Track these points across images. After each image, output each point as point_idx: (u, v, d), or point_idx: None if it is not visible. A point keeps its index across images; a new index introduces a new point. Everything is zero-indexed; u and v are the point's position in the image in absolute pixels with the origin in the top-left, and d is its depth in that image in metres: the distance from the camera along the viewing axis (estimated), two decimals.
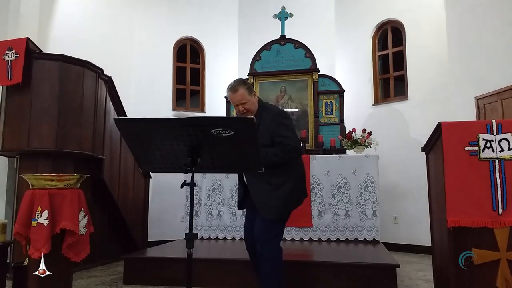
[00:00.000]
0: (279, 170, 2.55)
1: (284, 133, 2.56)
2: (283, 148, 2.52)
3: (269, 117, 2.60)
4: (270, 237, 2.53)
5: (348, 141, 5.46)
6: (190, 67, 7.23)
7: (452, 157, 2.47)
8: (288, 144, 2.53)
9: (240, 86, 2.61)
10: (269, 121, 2.58)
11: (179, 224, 5.90)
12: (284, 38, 6.29)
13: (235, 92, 2.60)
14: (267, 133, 2.54)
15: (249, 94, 2.61)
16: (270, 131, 2.54)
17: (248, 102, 2.60)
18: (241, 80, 2.72)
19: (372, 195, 4.77)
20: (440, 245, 2.78)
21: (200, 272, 3.42)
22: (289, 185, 2.60)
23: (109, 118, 4.71)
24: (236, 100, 2.59)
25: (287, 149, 2.53)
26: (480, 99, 4.89)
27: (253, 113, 2.62)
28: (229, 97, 2.66)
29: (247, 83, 2.72)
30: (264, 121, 2.58)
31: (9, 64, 3.82)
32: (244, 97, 2.59)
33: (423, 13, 6.06)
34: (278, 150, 2.52)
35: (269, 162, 2.42)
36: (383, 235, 5.11)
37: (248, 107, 2.60)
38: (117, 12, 6.50)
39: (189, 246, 1.85)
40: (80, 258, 2.79)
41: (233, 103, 2.64)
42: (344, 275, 3.35)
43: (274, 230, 2.57)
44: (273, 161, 2.48)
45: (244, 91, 2.59)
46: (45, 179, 2.78)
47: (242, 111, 2.60)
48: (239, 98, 2.58)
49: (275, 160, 2.50)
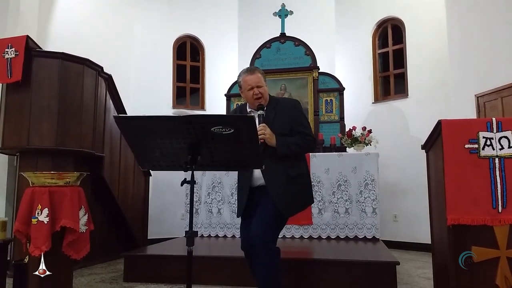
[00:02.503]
0: (295, 161, 2.52)
1: (305, 123, 2.55)
2: (304, 139, 2.50)
3: (288, 106, 2.57)
4: (268, 240, 2.39)
5: (348, 139, 5.46)
6: (190, 65, 7.22)
7: (452, 155, 2.47)
8: (309, 135, 2.53)
9: (257, 70, 2.60)
10: (288, 110, 2.55)
11: (179, 221, 5.91)
12: (284, 36, 6.28)
13: (253, 74, 2.55)
14: (285, 121, 2.50)
15: (264, 80, 2.59)
16: (289, 119, 2.51)
17: (263, 87, 2.54)
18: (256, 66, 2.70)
19: (372, 193, 4.77)
20: (440, 242, 2.78)
21: (200, 269, 3.42)
22: (305, 178, 2.58)
23: (109, 116, 4.71)
24: (252, 82, 2.52)
25: (308, 140, 2.51)
26: (480, 97, 4.88)
27: (266, 100, 2.57)
28: (244, 79, 2.56)
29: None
30: (281, 110, 2.54)
31: (8, 62, 3.82)
32: (261, 80, 2.54)
33: (423, 11, 6.06)
34: (299, 140, 2.49)
35: (290, 151, 2.43)
36: (383, 233, 5.12)
37: (263, 92, 2.53)
38: (117, 10, 6.48)
39: (189, 243, 1.84)
40: (81, 256, 2.80)
41: (248, 85, 2.53)
42: (344, 272, 3.35)
43: (274, 232, 2.46)
44: (294, 151, 2.46)
45: (261, 75, 2.57)
46: (45, 177, 2.78)
47: (257, 95, 2.51)
48: (256, 80, 2.52)
49: (295, 150, 2.47)
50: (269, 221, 2.42)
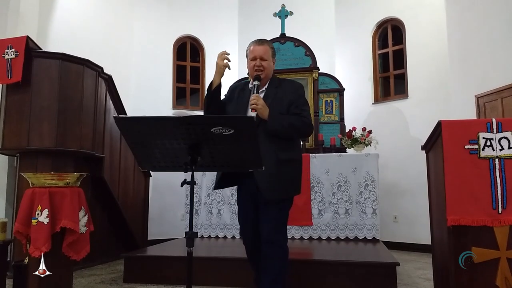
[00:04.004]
0: (288, 145, 2.42)
1: (304, 107, 2.46)
2: (300, 120, 2.40)
3: (291, 87, 2.51)
4: (281, 239, 2.40)
5: (348, 139, 5.46)
6: (190, 66, 7.22)
7: (452, 156, 2.47)
8: (306, 117, 2.43)
9: (267, 43, 2.54)
10: (291, 91, 2.48)
11: (179, 222, 5.91)
12: (284, 37, 6.28)
13: (261, 45, 2.49)
14: (284, 102, 2.43)
15: (272, 55, 2.52)
16: (289, 100, 2.44)
17: (268, 61, 2.48)
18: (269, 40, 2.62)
19: (372, 194, 4.77)
20: (440, 243, 2.78)
21: (200, 270, 3.42)
22: (296, 164, 2.48)
23: (109, 116, 4.71)
24: (257, 53, 2.46)
25: (305, 122, 2.41)
26: (480, 97, 4.88)
27: (267, 76, 2.49)
28: (251, 48, 2.52)
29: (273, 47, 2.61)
30: (284, 90, 2.48)
31: (9, 62, 3.82)
32: (267, 53, 2.48)
33: (423, 11, 6.06)
34: (294, 120, 2.39)
35: (282, 128, 2.35)
36: (383, 234, 5.11)
37: (266, 66, 2.46)
38: (117, 11, 6.49)
39: (189, 244, 1.84)
40: (80, 256, 2.80)
41: (252, 55, 2.48)
42: (344, 273, 3.35)
43: (284, 225, 2.44)
44: (286, 129, 2.36)
45: (269, 49, 2.51)
46: (45, 178, 2.78)
47: (258, 66, 2.44)
48: (262, 51, 2.46)
49: (287, 128, 2.36)
50: (278, 219, 2.40)
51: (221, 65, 2.45)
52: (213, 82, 2.49)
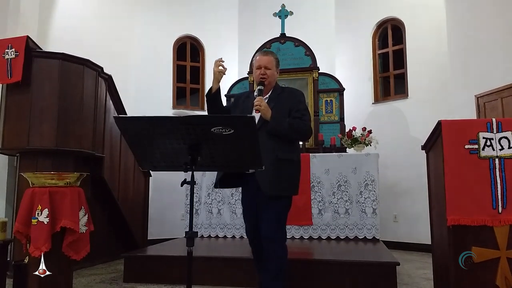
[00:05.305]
0: (287, 145, 2.56)
1: (304, 112, 2.62)
2: (301, 123, 2.55)
3: (292, 94, 2.69)
4: (280, 236, 2.52)
5: (348, 139, 5.46)
6: (190, 65, 7.22)
7: (452, 156, 2.47)
8: (306, 121, 2.59)
9: (272, 54, 2.74)
10: (293, 97, 2.66)
11: (179, 222, 5.91)
12: (284, 36, 6.28)
13: (266, 56, 2.69)
14: (286, 107, 2.59)
15: (276, 66, 2.70)
16: (290, 105, 2.60)
17: (272, 71, 2.65)
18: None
19: (372, 193, 4.77)
20: (440, 243, 2.78)
21: (200, 270, 3.43)
22: (295, 165, 2.59)
23: (109, 116, 4.71)
24: (262, 62, 2.64)
25: (304, 125, 2.57)
26: (480, 97, 4.89)
27: (270, 84, 2.67)
28: (256, 58, 2.72)
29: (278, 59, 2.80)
30: (286, 97, 2.65)
31: (9, 62, 3.82)
32: (271, 63, 2.66)
33: (423, 11, 6.05)
34: (293, 122, 2.54)
35: (281, 128, 2.48)
36: (383, 233, 5.11)
37: (270, 74, 2.64)
38: (117, 11, 6.48)
39: (189, 244, 1.85)
40: (81, 256, 2.80)
41: (257, 65, 2.67)
42: (344, 273, 3.35)
43: (283, 224, 2.55)
44: (284, 129, 2.50)
45: (273, 60, 2.69)
46: (45, 178, 2.78)
47: (263, 75, 2.62)
48: (266, 61, 2.64)
49: (286, 129, 2.50)
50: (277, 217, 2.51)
51: (217, 72, 2.60)
52: (211, 88, 2.65)
